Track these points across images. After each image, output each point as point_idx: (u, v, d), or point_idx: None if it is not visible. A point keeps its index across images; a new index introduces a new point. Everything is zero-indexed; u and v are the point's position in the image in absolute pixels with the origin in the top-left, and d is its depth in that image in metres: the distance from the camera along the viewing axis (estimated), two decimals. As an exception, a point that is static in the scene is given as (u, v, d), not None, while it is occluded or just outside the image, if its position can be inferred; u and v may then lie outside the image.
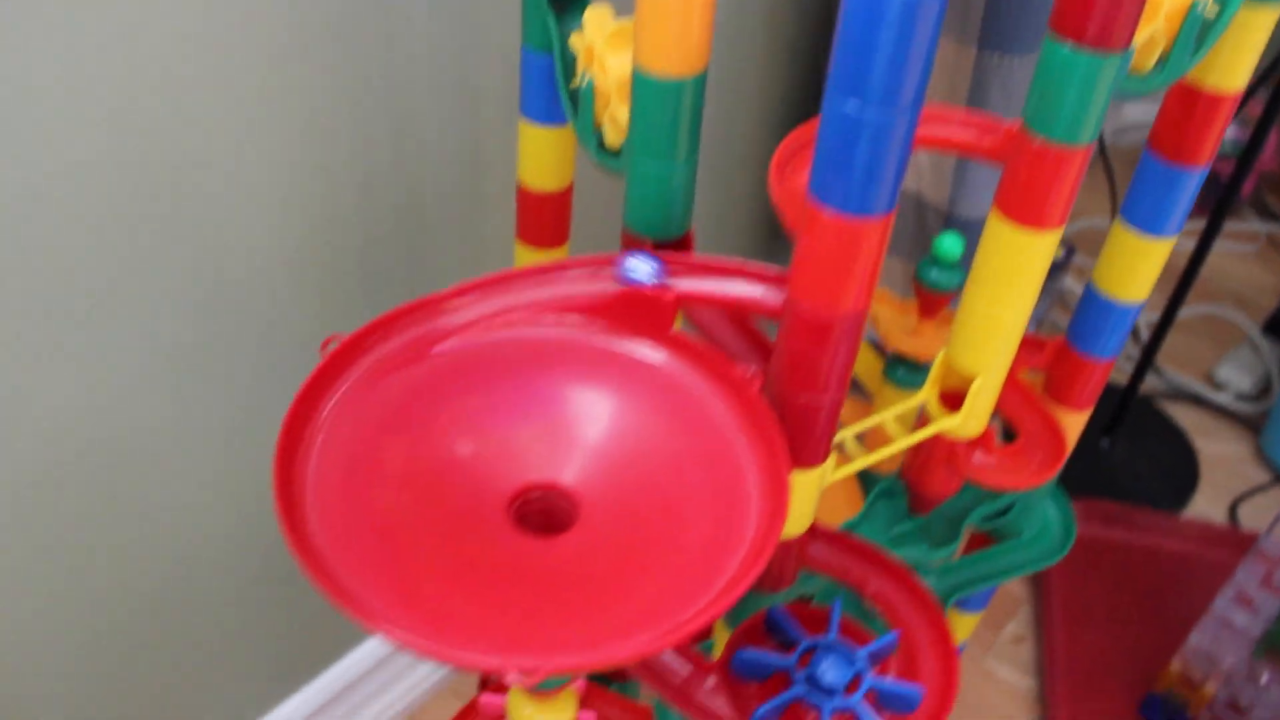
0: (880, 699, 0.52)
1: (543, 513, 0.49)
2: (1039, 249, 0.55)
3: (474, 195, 0.85)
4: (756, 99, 1.14)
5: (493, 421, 0.49)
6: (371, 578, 0.43)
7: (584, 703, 0.59)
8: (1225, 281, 1.73)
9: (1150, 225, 0.64)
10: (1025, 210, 0.54)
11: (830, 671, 0.51)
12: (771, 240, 1.32)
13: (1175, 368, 1.56)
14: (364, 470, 0.46)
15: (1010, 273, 0.56)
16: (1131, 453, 1.40)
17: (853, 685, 0.51)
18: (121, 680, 0.83)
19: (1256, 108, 1.50)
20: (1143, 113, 1.93)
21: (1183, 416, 1.49)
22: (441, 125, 0.79)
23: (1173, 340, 1.59)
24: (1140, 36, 0.56)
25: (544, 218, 0.71)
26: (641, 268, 0.51)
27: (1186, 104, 0.60)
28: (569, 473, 0.48)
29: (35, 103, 0.57)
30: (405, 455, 0.47)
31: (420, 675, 1.11)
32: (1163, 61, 0.58)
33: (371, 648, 1.04)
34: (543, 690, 0.58)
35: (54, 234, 0.62)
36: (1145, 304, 0.68)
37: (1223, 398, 1.52)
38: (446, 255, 0.86)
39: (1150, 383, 1.54)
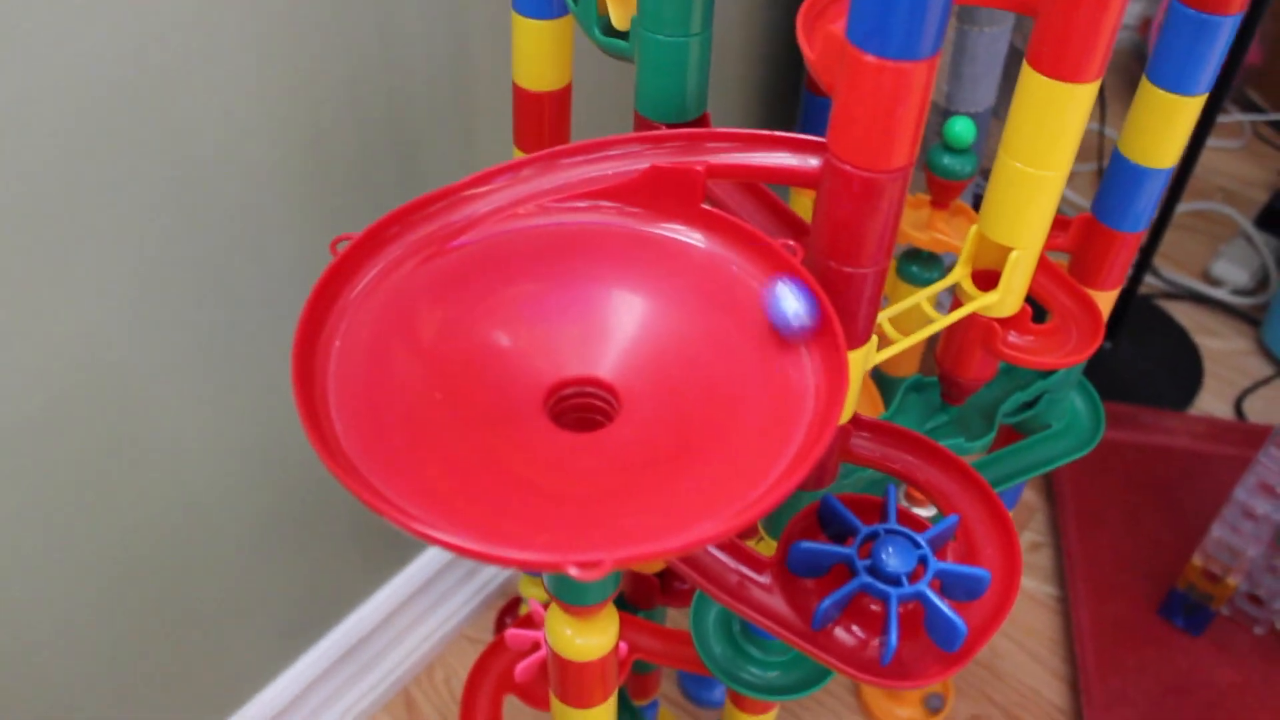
0: (945, 586, 0.49)
1: (579, 409, 0.46)
2: (1077, 102, 0.52)
3: (464, 101, 0.81)
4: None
5: (523, 315, 0.45)
6: (409, 482, 0.39)
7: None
8: (1212, 177, 1.70)
9: (1178, 84, 0.61)
10: (1061, 63, 0.51)
11: (895, 558, 0.48)
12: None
13: (1171, 267, 1.55)
14: (390, 371, 0.43)
15: (1047, 131, 0.53)
16: (1135, 354, 1.39)
17: (917, 572, 0.49)
18: (129, 644, 0.80)
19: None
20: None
21: (1183, 315, 1.48)
22: (428, 26, 0.75)
23: (1166, 239, 1.57)
24: None
25: (542, 120, 0.67)
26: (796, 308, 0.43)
27: (1220, -57, 0.57)
28: (607, 365, 0.45)
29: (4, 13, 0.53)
30: (432, 353, 0.43)
31: (434, 624, 1.08)
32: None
33: (384, 598, 1.01)
34: (582, 608, 0.55)
35: (32, 155, 0.58)
36: (1173, 171, 0.65)
37: (1220, 293, 1.50)
38: (439, 165, 0.82)
39: (1148, 283, 1.52)
